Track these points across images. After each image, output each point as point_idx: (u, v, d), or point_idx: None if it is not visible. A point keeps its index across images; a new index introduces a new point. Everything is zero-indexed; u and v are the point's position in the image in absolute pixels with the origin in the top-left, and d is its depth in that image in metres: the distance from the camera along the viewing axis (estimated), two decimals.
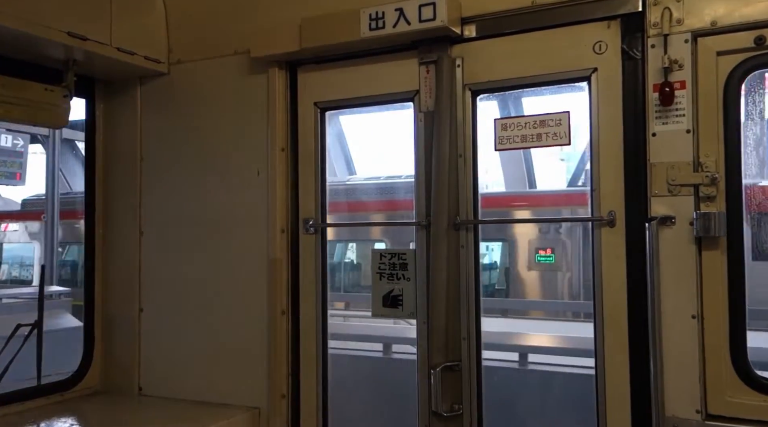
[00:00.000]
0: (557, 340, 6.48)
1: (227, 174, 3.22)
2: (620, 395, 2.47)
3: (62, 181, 15.80)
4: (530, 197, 11.06)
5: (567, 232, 10.25)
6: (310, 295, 3.08)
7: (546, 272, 10.19)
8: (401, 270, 2.89)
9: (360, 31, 2.77)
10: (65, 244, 14.94)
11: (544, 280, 10.40)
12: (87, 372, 3.43)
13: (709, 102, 2.36)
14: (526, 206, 10.34)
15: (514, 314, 9.18)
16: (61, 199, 14.18)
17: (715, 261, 2.34)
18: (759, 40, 2.29)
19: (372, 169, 12.30)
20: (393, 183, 11.12)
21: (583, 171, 11.09)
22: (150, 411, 3.24)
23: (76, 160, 16.08)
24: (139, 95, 3.43)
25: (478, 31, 2.74)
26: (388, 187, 11.09)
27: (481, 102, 2.79)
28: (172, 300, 3.34)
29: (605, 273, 2.51)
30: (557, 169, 13.26)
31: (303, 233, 3.10)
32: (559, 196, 10.93)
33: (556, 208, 10.40)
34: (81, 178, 13.52)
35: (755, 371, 2.31)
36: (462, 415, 2.73)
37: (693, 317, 2.34)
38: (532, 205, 10.73)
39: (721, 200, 2.33)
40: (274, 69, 3.08)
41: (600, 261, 2.52)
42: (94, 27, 2.96)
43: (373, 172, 11.93)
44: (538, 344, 6.49)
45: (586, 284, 10.16)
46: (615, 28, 2.51)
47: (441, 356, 2.73)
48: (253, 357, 3.09)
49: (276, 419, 3.04)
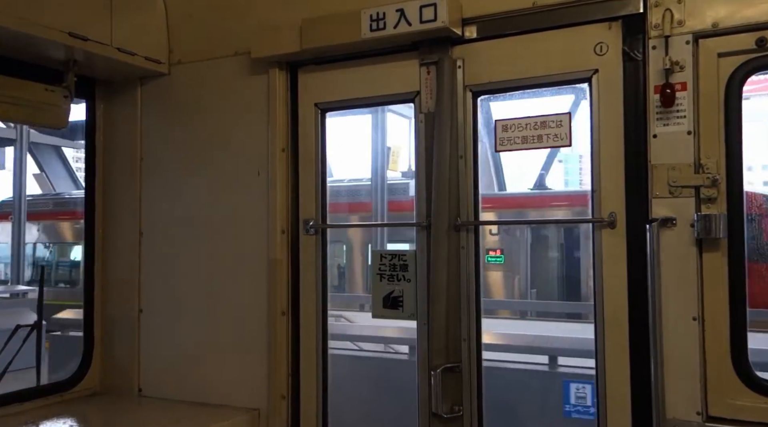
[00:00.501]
0: (499, 337, 6.84)
1: (227, 175, 3.22)
2: (621, 397, 2.46)
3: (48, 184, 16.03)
4: (495, 199, 11.61)
5: (516, 234, 11.07)
6: (310, 296, 3.07)
7: (495, 272, 11.04)
8: (401, 271, 2.88)
9: (361, 32, 2.76)
10: (53, 243, 15.18)
11: (492, 279, 11.18)
12: (86, 373, 3.42)
13: (710, 103, 2.36)
14: (491, 208, 10.80)
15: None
16: (47, 201, 14.36)
17: (716, 263, 2.34)
18: (760, 41, 2.29)
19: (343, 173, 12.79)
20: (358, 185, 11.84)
21: (545, 175, 12.03)
22: (150, 412, 3.24)
23: (59, 163, 16.42)
24: (140, 96, 3.43)
25: (479, 32, 2.74)
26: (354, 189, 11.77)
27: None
28: (172, 301, 3.34)
29: (606, 275, 2.50)
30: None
31: (303, 233, 3.09)
32: (525, 199, 11.71)
33: (522, 210, 11.13)
34: (66, 180, 13.75)
35: (756, 373, 2.31)
36: (462, 416, 2.72)
37: (694, 318, 2.34)
38: (497, 207, 11.28)
39: (722, 202, 2.33)
40: (274, 70, 3.08)
41: (600, 263, 2.52)
42: (94, 27, 2.96)
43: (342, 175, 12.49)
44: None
45: (533, 284, 11.12)
46: (616, 30, 2.51)
47: (441, 357, 2.73)
48: (253, 358, 3.09)
49: (276, 420, 3.04)
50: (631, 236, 2.47)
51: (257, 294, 3.09)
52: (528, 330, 7.22)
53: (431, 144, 2.77)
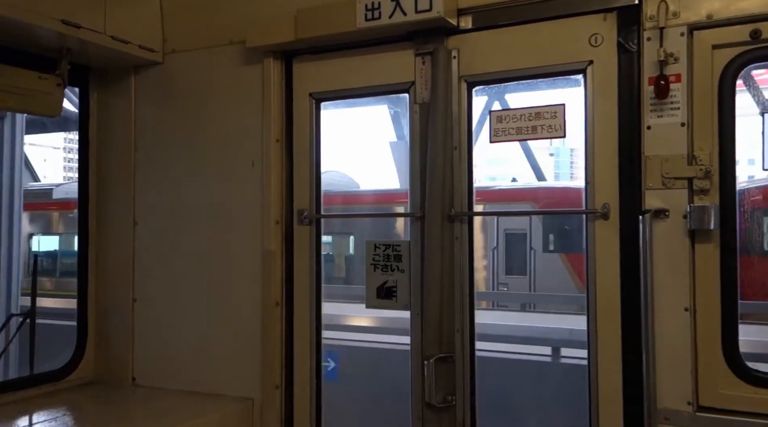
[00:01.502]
0: (373, 320, 7.45)
1: (222, 165, 3.21)
2: (613, 387, 2.48)
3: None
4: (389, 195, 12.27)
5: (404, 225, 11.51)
6: (304, 286, 3.07)
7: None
8: (395, 261, 2.89)
9: (356, 21, 2.76)
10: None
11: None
12: (80, 362, 3.42)
13: (704, 95, 2.36)
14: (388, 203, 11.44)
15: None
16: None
17: (708, 254, 2.35)
18: (754, 33, 2.29)
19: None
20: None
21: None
22: (143, 402, 3.24)
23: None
24: (134, 85, 3.42)
25: (474, 23, 2.73)
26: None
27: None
28: (166, 291, 3.34)
29: (599, 265, 2.51)
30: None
31: (297, 224, 3.09)
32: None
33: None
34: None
35: (746, 364, 2.33)
36: (455, 406, 2.74)
37: (686, 309, 2.35)
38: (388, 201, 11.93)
39: (715, 194, 2.34)
40: (269, 59, 3.07)
41: (594, 253, 2.53)
42: (88, 15, 2.94)
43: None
44: (359, 324, 7.64)
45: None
46: (611, 21, 2.51)
47: (434, 347, 2.73)
48: (247, 348, 3.09)
49: (269, 410, 3.05)
50: (624, 227, 2.48)
51: (251, 284, 3.09)
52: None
53: (426, 135, 2.77)
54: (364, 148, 16.71)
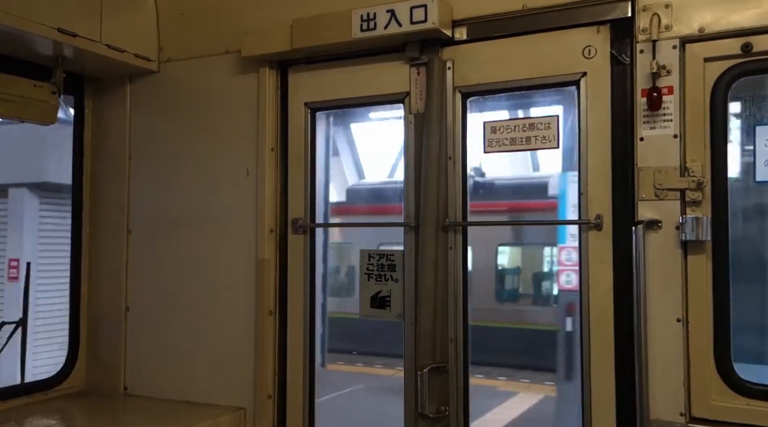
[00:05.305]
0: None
1: (216, 173, 3.21)
2: (605, 398, 2.48)
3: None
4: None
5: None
6: (298, 295, 3.07)
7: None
8: (389, 271, 2.89)
9: (351, 32, 2.77)
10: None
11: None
12: (72, 371, 3.41)
13: (696, 108, 2.38)
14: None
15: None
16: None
17: (701, 265, 2.36)
18: (746, 47, 2.32)
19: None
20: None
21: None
22: (135, 411, 3.22)
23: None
24: (129, 93, 3.42)
25: (469, 34, 2.75)
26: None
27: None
28: (158, 300, 3.32)
29: (592, 276, 2.52)
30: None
31: (291, 233, 3.09)
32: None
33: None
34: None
35: (739, 375, 2.34)
36: (448, 416, 2.73)
37: (678, 320, 2.36)
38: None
39: (707, 205, 2.35)
40: (264, 69, 3.08)
41: (587, 264, 2.53)
42: (84, 24, 2.95)
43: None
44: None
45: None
46: (604, 34, 2.53)
47: (428, 357, 2.73)
48: (240, 357, 3.08)
49: (262, 420, 3.03)
50: (617, 238, 2.49)
51: (245, 293, 3.09)
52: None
53: (420, 145, 2.78)
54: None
